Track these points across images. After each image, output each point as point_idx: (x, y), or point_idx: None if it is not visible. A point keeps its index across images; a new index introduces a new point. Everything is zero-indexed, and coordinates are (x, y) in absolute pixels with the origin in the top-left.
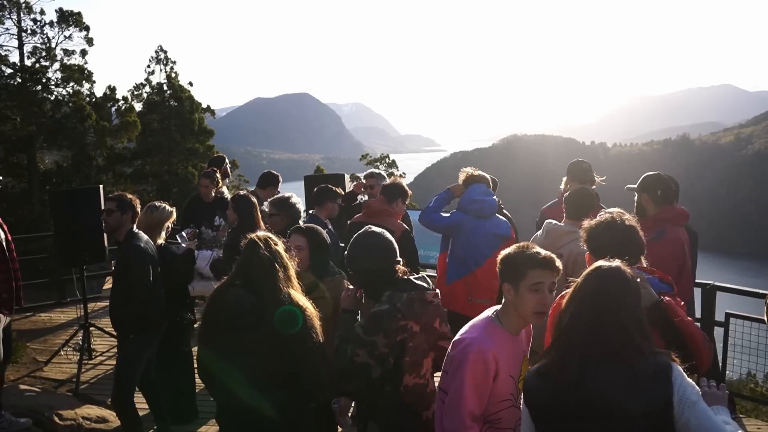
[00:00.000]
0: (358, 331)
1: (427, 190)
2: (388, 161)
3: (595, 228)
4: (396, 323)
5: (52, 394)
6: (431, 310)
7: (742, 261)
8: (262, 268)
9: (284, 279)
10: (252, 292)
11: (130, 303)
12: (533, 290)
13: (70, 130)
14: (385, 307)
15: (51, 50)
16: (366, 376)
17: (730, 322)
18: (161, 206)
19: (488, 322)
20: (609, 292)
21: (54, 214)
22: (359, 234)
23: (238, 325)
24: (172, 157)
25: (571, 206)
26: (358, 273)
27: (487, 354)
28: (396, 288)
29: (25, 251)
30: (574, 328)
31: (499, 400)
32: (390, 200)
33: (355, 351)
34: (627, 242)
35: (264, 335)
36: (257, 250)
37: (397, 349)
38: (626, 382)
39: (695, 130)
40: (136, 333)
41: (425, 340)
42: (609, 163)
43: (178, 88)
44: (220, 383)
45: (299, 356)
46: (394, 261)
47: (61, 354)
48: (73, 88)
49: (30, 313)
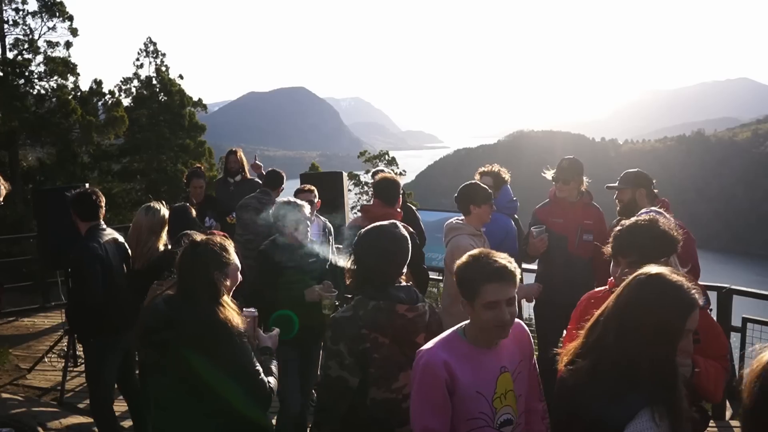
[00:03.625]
0: (327, 342)
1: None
2: (388, 158)
3: (619, 231)
4: (357, 331)
5: (35, 403)
6: (403, 323)
7: (760, 263)
8: (191, 278)
9: (211, 291)
10: (171, 304)
11: (81, 306)
12: (489, 308)
13: (54, 125)
14: (348, 314)
15: (33, 42)
16: (344, 390)
17: (747, 328)
18: (158, 207)
19: (450, 334)
20: (640, 302)
21: (37, 214)
22: (377, 228)
23: (152, 340)
24: (161, 154)
25: (457, 200)
26: (356, 269)
27: (434, 365)
28: (368, 295)
29: (7, 253)
30: (601, 336)
31: (467, 418)
32: (388, 201)
33: (327, 364)
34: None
35: (172, 354)
36: (185, 257)
37: (359, 358)
38: (609, 397)
39: (710, 126)
40: (93, 337)
41: (400, 353)
42: (621, 159)
43: (167, 81)
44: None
45: (211, 380)
46: (394, 265)
47: (45, 361)
48: (57, 82)
49: (12, 317)
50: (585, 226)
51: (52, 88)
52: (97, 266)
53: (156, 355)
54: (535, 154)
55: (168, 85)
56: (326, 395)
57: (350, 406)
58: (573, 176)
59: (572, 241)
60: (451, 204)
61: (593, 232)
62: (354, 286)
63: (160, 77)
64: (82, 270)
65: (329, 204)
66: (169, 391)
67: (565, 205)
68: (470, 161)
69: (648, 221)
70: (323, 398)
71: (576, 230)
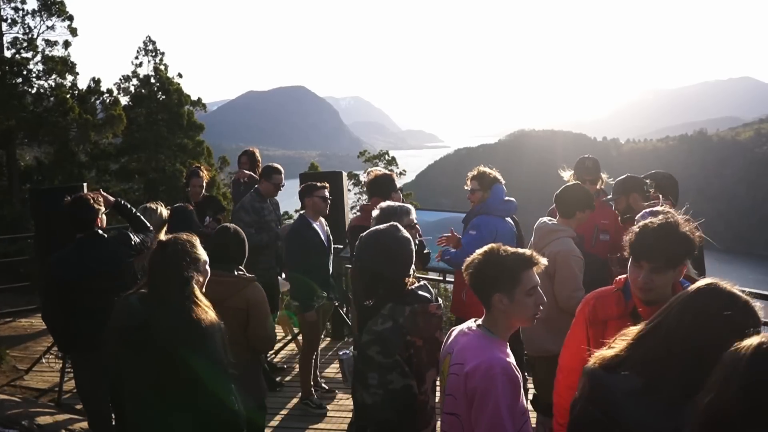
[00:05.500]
0: (377, 358)
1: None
2: (388, 158)
3: (640, 233)
4: (402, 339)
5: (33, 404)
6: (436, 321)
7: (761, 263)
8: (165, 276)
9: (181, 292)
10: (146, 303)
11: (47, 318)
12: (530, 294)
13: (52, 124)
14: (389, 324)
15: (32, 41)
16: (412, 397)
17: None
18: (155, 208)
19: (485, 339)
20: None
21: (34, 214)
22: (376, 232)
23: (128, 340)
24: (159, 154)
25: (561, 203)
26: (362, 273)
27: (510, 370)
28: (399, 301)
29: (5, 253)
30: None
31: (521, 412)
32: (384, 197)
33: (387, 379)
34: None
35: (150, 354)
36: (157, 256)
37: (409, 364)
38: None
39: (713, 126)
40: (68, 352)
41: (427, 353)
42: (622, 159)
43: (166, 80)
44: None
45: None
46: (406, 270)
47: (42, 362)
48: (56, 81)
49: (10, 318)
50: (601, 226)
51: (50, 86)
52: (55, 286)
53: (131, 354)
54: (536, 153)
55: (166, 84)
56: (392, 413)
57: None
58: (600, 176)
59: (589, 240)
60: (451, 204)
61: (609, 232)
62: (374, 298)
63: (158, 76)
64: (44, 287)
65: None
66: (144, 390)
67: None
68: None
69: (668, 223)
70: (389, 419)
71: (593, 230)
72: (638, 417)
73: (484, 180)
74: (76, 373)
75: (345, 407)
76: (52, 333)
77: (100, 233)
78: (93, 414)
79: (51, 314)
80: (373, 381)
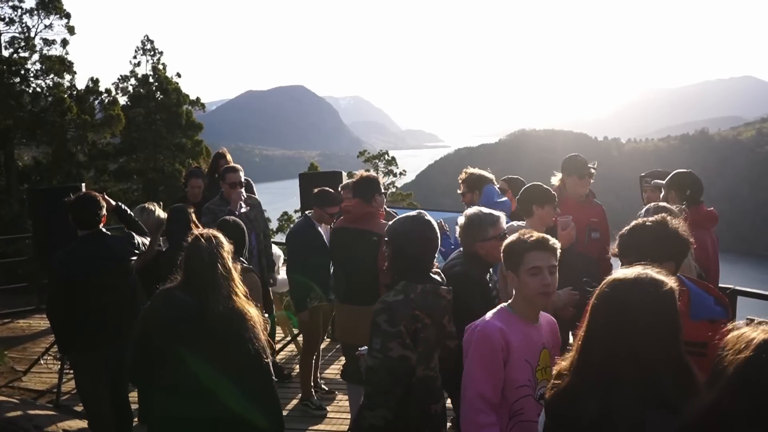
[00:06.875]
0: (383, 326)
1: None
2: (388, 158)
3: (625, 232)
4: (411, 312)
5: (31, 405)
6: (443, 305)
7: (764, 263)
8: (203, 270)
9: (226, 283)
10: (196, 296)
11: (49, 317)
12: (532, 274)
13: (50, 124)
14: (400, 297)
15: (30, 40)
16: (408, 369)
17: None
18: (152, 208)
19: (499, 309)
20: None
21: (32, 214)
22: (413, 217)
23: (184, 332)
24: (158, 154)
25: (520, 203)
26: (398, 258)
27: (492, 332)
28: (413, 279)
29: (3, 253)
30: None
31: (516, 386)
32: (367, 199)
33: (387, 346)
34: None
35: (206, 343)
36: (198, 249)
37: (413, 338)
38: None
39: (714, 125)
40: (68, 352)
41: (435, 334)
42: (623, 159)
43: (164, 80)
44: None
45: (245, 370)
46: (432, 252)
47: (41, 363)
48: (54, 80)
49: (8, 319)
50: (593, 225)
51: (48, 86)
52: (61, 284)
53: (184, 345)
54: (536, 153)
55: (165, 84)
56: (387, 377)
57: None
58: (588, 171)
59: (581, 239)
60: (452, 204)
61: (600, 230)
62: (395, 274)
63: (157, 75)
64: (49, 285)
65: None
66: (194, 381)
67: (573, 204)
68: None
69: (656, 222)
70: (383, 381)
71: (585, 228)
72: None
73: (470, 182)
74: (77, 374)
75: (345, 408)
76: (55, 332)
77: (105, 231)
78: (93, 415)
79: (56, 312)
80: (376, 345)
